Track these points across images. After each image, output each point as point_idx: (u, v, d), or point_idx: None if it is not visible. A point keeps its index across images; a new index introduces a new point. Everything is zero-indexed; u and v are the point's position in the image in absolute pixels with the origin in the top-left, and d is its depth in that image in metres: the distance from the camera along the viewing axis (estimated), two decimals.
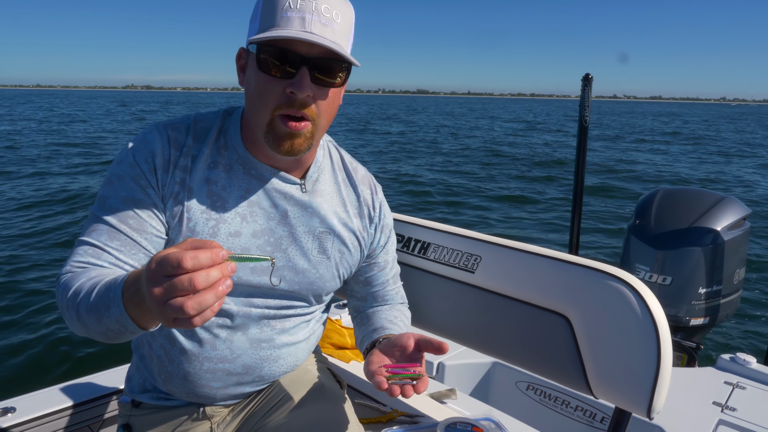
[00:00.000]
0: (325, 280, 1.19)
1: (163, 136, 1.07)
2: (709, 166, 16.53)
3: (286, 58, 0.95)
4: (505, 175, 13.42)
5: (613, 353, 1.20)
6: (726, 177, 14.11)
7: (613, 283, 1.22)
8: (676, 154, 20.11)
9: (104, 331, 0.87)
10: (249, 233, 1.09)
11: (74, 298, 0.91)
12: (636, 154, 19.28)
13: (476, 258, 1.43)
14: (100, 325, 0.86)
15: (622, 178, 13.30)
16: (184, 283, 0.65)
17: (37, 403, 1.61)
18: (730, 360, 2.39)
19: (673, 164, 16.79)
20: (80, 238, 1.03)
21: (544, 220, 8.82)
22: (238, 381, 1.16)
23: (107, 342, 0.92)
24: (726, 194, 2.88)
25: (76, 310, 0.90)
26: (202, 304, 0.66)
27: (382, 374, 0.98)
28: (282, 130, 1.00)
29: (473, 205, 9.96)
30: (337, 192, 1.21)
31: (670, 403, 2.05)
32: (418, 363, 1.01)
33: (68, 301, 0.92)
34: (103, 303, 0.83)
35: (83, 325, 0.90)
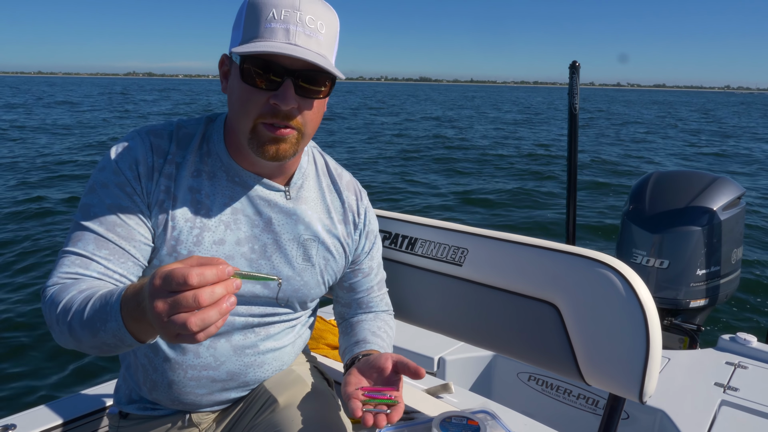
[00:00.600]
0: (309, 287, 1.18)
1: (146, 143, 1.06)
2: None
3: (270, 70, 0.94)
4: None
5: (603, 339, 1.19)
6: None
7: (600, 269, 1.21)
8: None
9: (99, 345, 0.86)
10: (233, 241, 1.08)
11: (65, 313, 0.89)
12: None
13: (463, 251, 1.42)
14: (95, 339, 0.85)
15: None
16: (189, 299, 0.66)
17: (37, 419, 1.61)
18: (731, 340, 2.38)
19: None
20: (65, 249, 1.00)
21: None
22: (222, 387, 1.15)
23: (99, 355, 0.91)
24: (720, 174, 2.87)
25: (68, 325, 0.88)
26: (205, 320, 0.67)
27: (358, 398, 0.98)
28: (266, 135, 0.99)
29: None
30: (322, 198, 1.20)
31: (672, 386, 2.04)
32: (395, 387, 1.01)
33: (58, 316, 0.90)
34: (99, 317, 0.82)
35: (76, 339, 0.88)
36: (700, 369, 2.18)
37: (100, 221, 1.01)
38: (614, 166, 13.64)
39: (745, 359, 2.27)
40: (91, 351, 0.89)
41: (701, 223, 2.64)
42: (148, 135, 1.07)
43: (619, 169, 13.25)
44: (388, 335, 1.27)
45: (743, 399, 1.97)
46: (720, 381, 2.09)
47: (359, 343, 1.19)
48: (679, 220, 2.67)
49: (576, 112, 3.02)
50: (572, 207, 3.01)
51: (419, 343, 2.41)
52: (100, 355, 0.91)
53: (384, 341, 1.22)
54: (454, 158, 14.50)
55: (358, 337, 1.21)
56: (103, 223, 1.01)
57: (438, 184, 10.89)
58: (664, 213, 2.72)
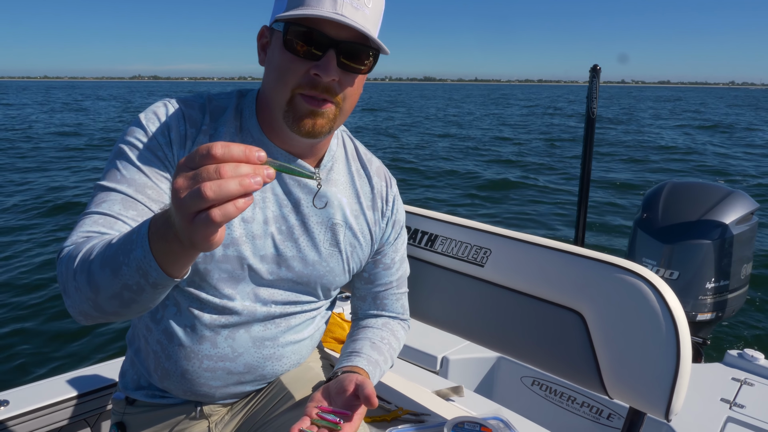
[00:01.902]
0: (335, 274, 1.14)
1: (178, 112, 1.02)
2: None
3: (314, 39, 0.91)
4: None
5: (630, 352, 1.15)
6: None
7: (629, 277, 1.17)
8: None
9: (119, 292, 0.76)
10: (261, 219, 1.05)
11: (84, 261, 0.80)
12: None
13: (486, 251, 1.38)
14: (116, 280, 0.75)
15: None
16: (210, 171, 0.59)
17: (30, 396, 1.56)
18: (738, 356, 2.35)
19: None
20: (87, 211, 0.93)
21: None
22: (238, 380, 1.11)
23: (117, 315, 0.82)
24: (734, 188, 2.83)
25: (87, 270, 0.79)
26: (222, 187, 0.58)
27: (310, 416, 0.93)
28: (303, 108, 0.95)
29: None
30: (351, 182, 1.16)
31: None
32: (352, 413, 0.94)
33: (77, 267, 0.81)
34: (123, 249, 0.74)
35: (93, 289, 0.79)
36: (706, 384, 2.16)
37: (128, 182, 0.95)
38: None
39: (752, 376, 2.25)
40: (108, 305, 0.79)
41: (713, 237, 2.61)
42: (179, 104, 1.03)
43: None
44: (391, 347, 1.22)
45: (750, 417, 1.94)
46: (726, 397, 2.06)
47: (351, 355, 1.14)
48: (691, 232, 2.64)
49: (594, 117, 2.98)
50: (583, 210, 2.98)
51: (423, 340, 2.37)
52: (119, 312, 0.81)
53: (381, 354, 1.17)
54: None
55: (354, 347, 1.17)
56: (132, 185, 0.95)
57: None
58: (676, 224, 2.69)
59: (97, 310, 0.81)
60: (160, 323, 1.08)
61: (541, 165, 13.08)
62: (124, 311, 0.80)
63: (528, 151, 15.86)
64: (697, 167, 13.17)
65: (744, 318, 4.23)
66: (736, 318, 4.09)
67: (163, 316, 1.07)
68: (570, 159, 14.02)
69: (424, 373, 1.96)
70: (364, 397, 0.92)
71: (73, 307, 0.84)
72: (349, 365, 1.10)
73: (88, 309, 0.82)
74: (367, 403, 0.92)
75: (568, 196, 9.47)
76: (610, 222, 7.84)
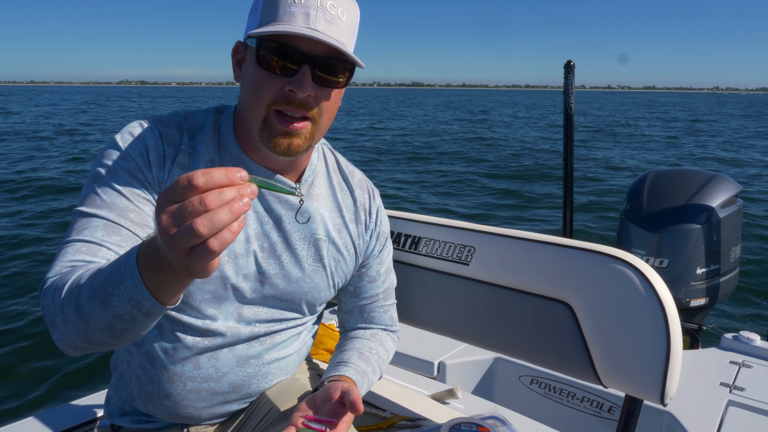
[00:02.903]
0: (319, 290, 1.12)
1: (155, 132, 1.00)
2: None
3: (287, 55, 0.90)
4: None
5: (620, 339, 1.14)
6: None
7: (616, 265, 1.16)
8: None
9: (110, 323, 0.74)
10: (243, 238, 1.03)
11: (71, 291, 0.78)
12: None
13: (470, 249, 1.37)
14: (107, 312, 0.73)
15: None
16: (195, 203, 0.57)
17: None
18: (734, 339, 2.35)
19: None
20: (68, 239, 0.90)
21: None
22: (224, 400, 1.08)
23: (109, 345, 0.79)
24: (716, 172, 2.85)
25: (75, 304, 0.77)
26: (214, 221, 0.57)
27: (296, 425, 0.92)
28: (278, 128, 0.94)
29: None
30: (333, 196, 1.14)
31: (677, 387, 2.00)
32: (337, 421, 0.93)
33: (64, 298, 0.78)
34: (111, 280, 0.72)
35: (83, 321, 0.76)
36: (705, 369, 2.15)
37: (109, 207, 0.93)
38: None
39: (749, 358, 2.24)
40: (99, 337, 0.77)
41: (700, 221, 2.62)
42: (155, 124, 1.01)
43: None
44: (379, 358, 1.20)
45: (750, 399, 1.94)
46: (725, 381, 2.06)
47: (339, 365, 1.12)
48: (678, 218, 2.65)
49: (571, 112, 2.99)
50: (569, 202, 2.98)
51: (418, 347, 2.35)
52: (111, 342, 0.78)
53: (370, 365, 1.15)
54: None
55: (342, 357, 1.15)
56: (113, 209, 0.92)
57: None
58: (662, 211, 2.70)
59: (88, 341, 0.79)
60: (141, 347, 1.05)
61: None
62: (116, 341, 0.78)
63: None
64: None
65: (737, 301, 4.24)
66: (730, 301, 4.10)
67: (145, 340, 1.05)
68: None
69: (420, 379, 1.94)
70: (349, 402, 0.90)
71: (61, 339, 0.82)
72: (336, 375, 1.08)
73: (78, 341, 0.80)
74: (352, 409, 0.90)
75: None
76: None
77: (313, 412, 0.95)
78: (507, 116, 37.56)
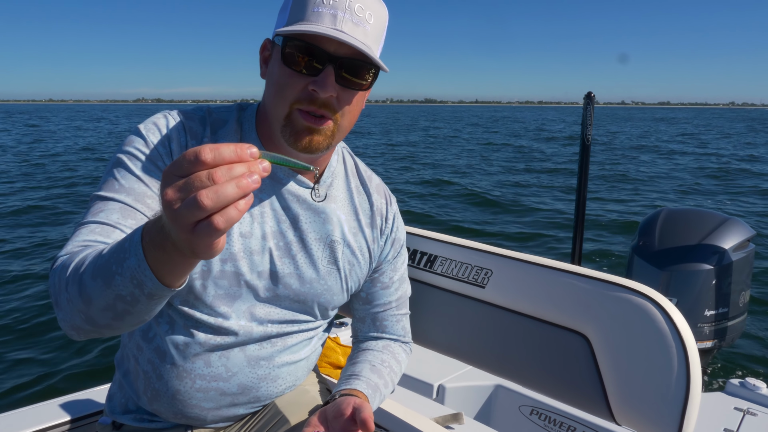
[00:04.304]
0: (333, 292, 1.11)
1: (178, 123, 1.00)
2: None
3: (313, 54, 0.90)
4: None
5: (638, 375, 1.12)
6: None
7: (636, 298, 1.14)
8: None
9: (112, 303, 0.72)
10: (259, 235, 1.02)
11: (77, 270, 0.76)
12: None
13: (487, 272, 1.35)
14: (108, 291, 0.71)
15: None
16: (202, 178, 0.55)
17: (16, 423, 1.50)
18: (740, 385, 2.31)
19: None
20: (84, 221, 0.90)
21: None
22: (232, 402, 1.06)
23: (110, 328, 0.77)
24: (730, 215, 2.83)
25: (78, 281, 0.75)
26: (219, 194, 0.54)
27: None
28: (300, 124, 0.94)
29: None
30: (350, 199, 1.14)
31: None
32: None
33: (69, 277, 0.77)
34: (115, 257, 0.70)
35: (85, 300, 0.74)
36: (709, 414, 2.11)
37: (127, 192, 0.92)
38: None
39: (754, 406, 2.20)
40: (101, 317, 0.75)
41: (711, 263, 2.59)
42: (180, 116, 1.01)
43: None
44: (392, 370, 1.18)
45: None
46: (729, 427, 2.02)
47: (350, 378, 1.10)
48: (689, 257, 2.63)
49: (588, 143, 2.99)
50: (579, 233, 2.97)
51: (419, 368, 2.31)
52: (112, 325, 0.76)
53: (382, 378, 1.13)
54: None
55: (353, 370, 1.13)
56: (131, 194, 0.92)
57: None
58: (673, 249, 2.67)
59: (89, 323, 0.77)
60: (152, 342, 1.04)
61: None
62: (118, 324, 0.76)
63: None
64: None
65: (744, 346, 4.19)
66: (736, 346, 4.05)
67: (156, 335, 1.03)
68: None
69: (419, 400, 1.90)
70: (360, 420, 0.88)
71: (64, 320, 0.80)
72: (348, 388, 1.06)
73: (80, 322, 0.78)
74: (363, 427, 0.88)
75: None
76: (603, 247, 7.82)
77: (324, 427, 0.93)
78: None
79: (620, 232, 8.23)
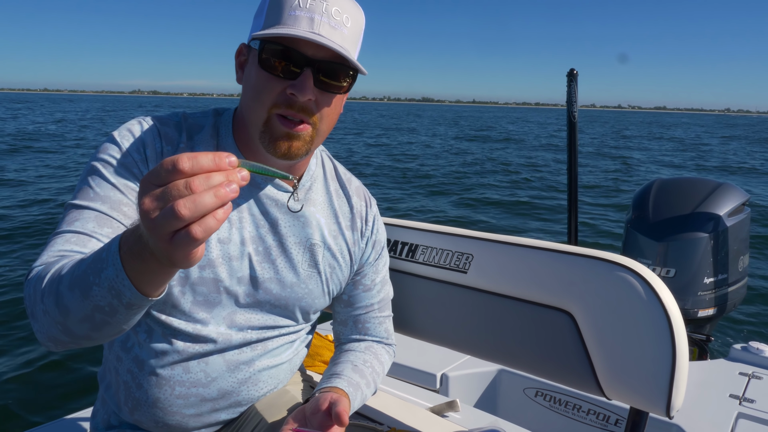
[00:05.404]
0: (314, 296, 1.10)
1: (153, 129, 0.99)
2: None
3: (290, 58, 0.90)
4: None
5: (624, 350, 1.10)
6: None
7: (619, 272, 1.12)
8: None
9: (90, 314, 0.71)
10: (238, 240, 1.01)
11: (53, 281, 0.76)
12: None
13: (468, 257, 1.33)
14: (86, 302, 0.70)
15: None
16: (180, 187, 0.55)
17: None
18: (743, 350, 2.29)
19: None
20: (58, 230, 0.89)
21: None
22: (212, 408, 1.05)
23: (89, 339, 0.76)
24: (723, 180, 2.80)
25: (55, 292, 0.74)
26: (197, 204, 0.54)
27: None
28: (279, 131, 0.93)
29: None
30: (329, 203, 1.13)
31: (685, 399, 1.94)
32: (326, 430, 0.91)
33: (45, 288, 0.76)
34: (93, 268, 0.69)
35: (62, 311, 0.73)
36: (714, 380, 2.09)
37: (102, 200, 0.91)
38: None
39: (759, 369, 2.18)
40: (78, 329, 0.74)
41: (707, 230, 2.57)
42: (155, 122, 1.01)
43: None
44: (374, 371, 1.17)
45: (761, 411, 1.88)
46: (735, 393, 2.00)
47: (331, 378, 1.09)
48: (685, 226, 2.60)
49: (575, 120, 2.96)
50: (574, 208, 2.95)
51: (421, 359, 2.30)
52: (90, 336, 0.75)
53: (364, 377, 1.12)
54: None
55: (335, 370, 1.12)
56: (106, 202, 0.91)
57: None
58: (668, 220, 2.65)
59: (67, 334, 0.76)
60: (130, 351, 1.03)
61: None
62: (96, 335, 0.75)
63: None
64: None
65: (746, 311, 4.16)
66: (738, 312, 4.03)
67: (134, 344, 1.03)
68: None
69: (422, 392, 1.89)
70: (334, 413, 0.88)
71: (41, 332, 0.79)
72: (328, 386, 1.05)
73: (57, 333, 0.77)
74: (337, 420, 0.88)
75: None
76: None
77: (302, 424, 0.92)
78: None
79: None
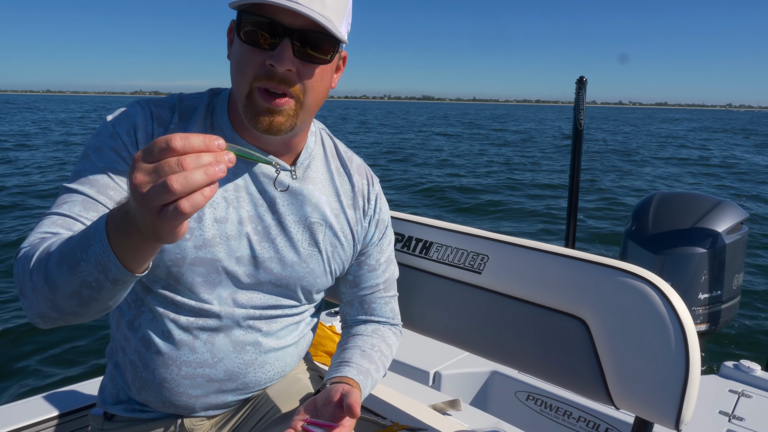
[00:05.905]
0: (315, 275, 1.09)
1: (146, 111, 0.99)
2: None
3: (267, 28, 0.88)
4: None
5: (637, 359, 1.11)
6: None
7: (635, 282, 1.12)
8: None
9: (77, 290, 0.74)
10: (235, 220, 1.00)
11: (41, 258, 0.79)
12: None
13: (483, 257, 1.33)
14: (74, 278, 0.73)
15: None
16: (172, 164, 0.59)
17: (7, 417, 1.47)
18: (734, 368, 2.32)
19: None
20: (48, 212, 0.91)
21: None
22: (219, 388, 1.04)
23: (76, 315, 0.78)
24: (723, 198, 2.83)
25: (44, 269, 0.77)
26: (188, 179, 0.58)
27: (296, 429, 0.90)
28: (261, 105, 0.92)
29: None
30: (330, 181, 1.12)
31: None
32: (337, 424, 0.91)
33: (33, 266, 0.79)
34: (80, 244, 0.72)
35: (50, 287, 0.76)
36: (704, 396, 2.12)
37: (90, 183, 0.93)
38: None
39: (749, 388, 2.22)
40: (67, 305, 0.77)
41: (705, 246, 2.59)
42: (148, 104, 1.01)
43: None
44: (382, 354, 1.17)
45: (750, 429, 1.91)
46: (725, 409, 2.03)
47: (340, 366, 1.09)
48: (682, 241, 2.63)
49: (581, 128, 2.98)
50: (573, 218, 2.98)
51: (415, 355, 2.31)
52: (79, 312, 0.78)
53: (373, 363, 1.12)
54: None
55: (343, 357, 1.12)
56: (93, 185, 0.92)
57: None
58: (667, 233, 2.67)
59: (56, 310, 0.78)
60: (137, 331, 1.02)
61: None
62: (84, 311, 0.77)
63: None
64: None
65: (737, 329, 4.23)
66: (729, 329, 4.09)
67: (140, 324, 1.02)
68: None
69: (416, 387, 1.90)
70: (346, 405, 0.88)
71: (30, 309, 0.81)
72: (339, 375, 1.04)
73: (46, 310, 0.79)
74: (348, 412, 0.87)
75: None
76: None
77: (314, 415, 0.92)
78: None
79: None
